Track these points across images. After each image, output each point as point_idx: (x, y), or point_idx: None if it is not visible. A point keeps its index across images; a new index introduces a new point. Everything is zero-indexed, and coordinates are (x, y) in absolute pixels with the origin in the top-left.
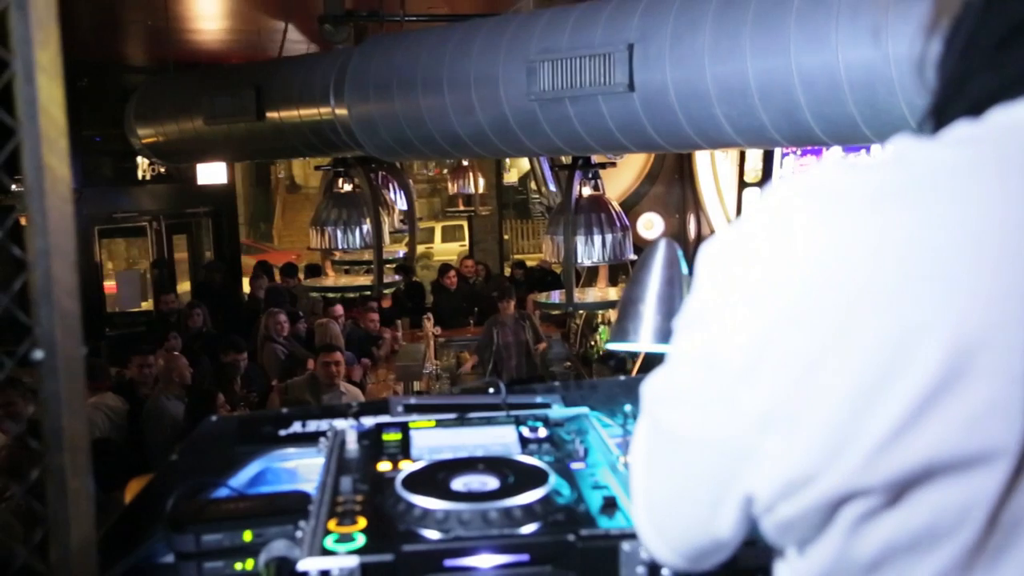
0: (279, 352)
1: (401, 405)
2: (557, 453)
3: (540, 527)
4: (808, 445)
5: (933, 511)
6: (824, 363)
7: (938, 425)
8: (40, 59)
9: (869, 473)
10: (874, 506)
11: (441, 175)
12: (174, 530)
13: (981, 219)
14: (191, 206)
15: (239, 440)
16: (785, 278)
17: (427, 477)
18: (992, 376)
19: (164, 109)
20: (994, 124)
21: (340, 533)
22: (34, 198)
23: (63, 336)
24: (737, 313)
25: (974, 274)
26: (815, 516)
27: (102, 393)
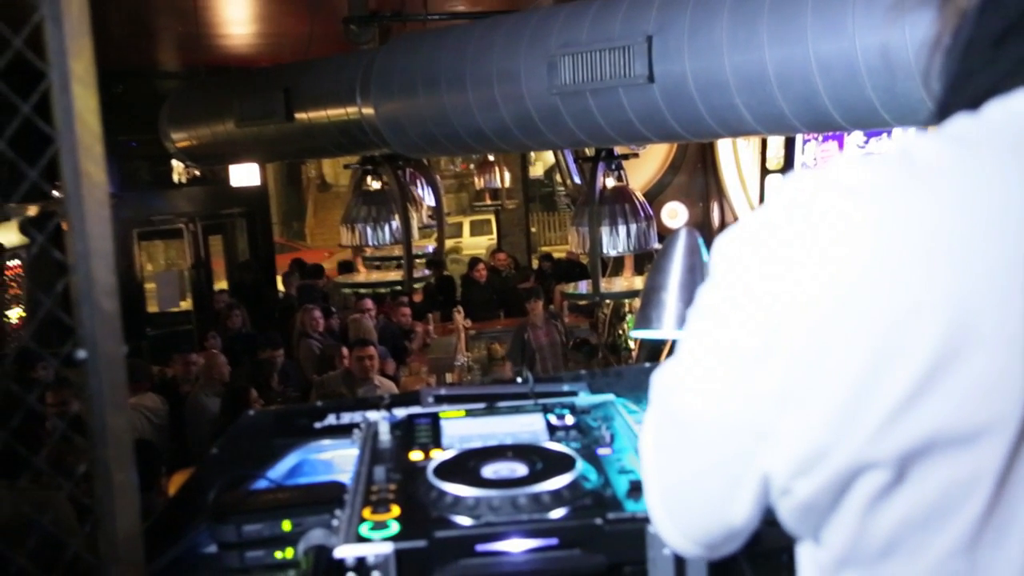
0: (314, 347)
1: (432, 396)
2: (584, 440)
3: (568, 512)
4: (820, 421)
5: (940, 486)
6: (833, 342)
7: (940, 398)
8: (75, 69)
9: (877, 446)
10: (884, 483)
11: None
12: (216, 521)
13: (974, 203)
14: (226, 207)
15: (276, 433)
16: (797, 266)
17: (458, 465)
18: (989, 351)
19: (196, 113)
20: (989, 116)
21: (375, 521)
22: (73, 203)
23: (104, 336)
24: (752, 300)
25: (968, 254)
26: (829, 494)
27: (141, 394)
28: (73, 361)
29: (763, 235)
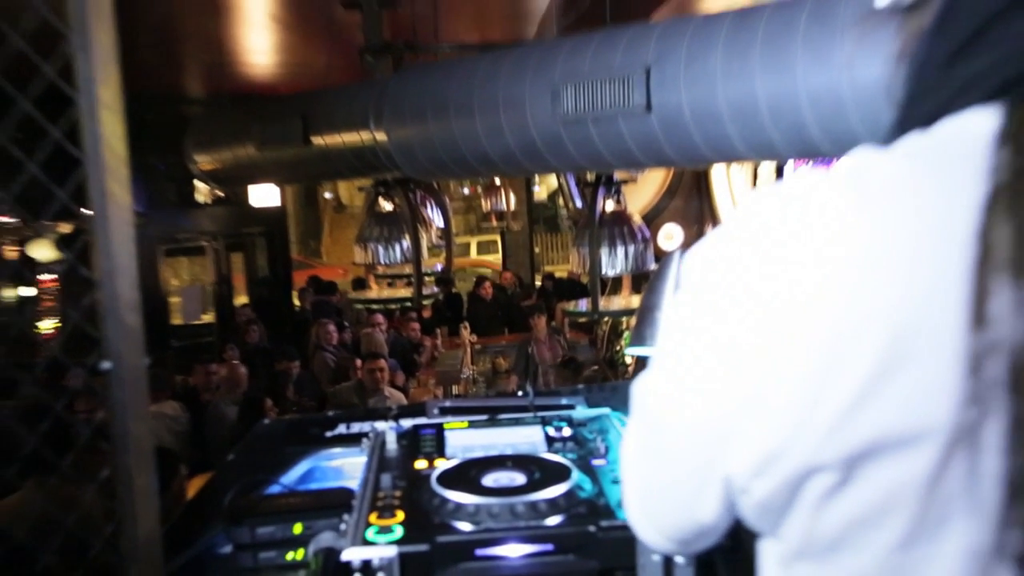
0: (329, 360)
1: (437, 408)
2: (580, 451)
3: (564, 519)
4: (776, 426)
5: (881, 487)
6: (787, 352)
7: (882, 405)
8: (103, 96)
9: (825, 449)
10: (832, 484)
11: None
12: (232, 523)
13: (920, 220)
14: (246, 226)
15: (289, 441)
16: (754, 281)
17: (460, 474)
18: (927, 361)
19: (219, 137)
20: (939, 135)
21: (380, 525)
22: (99, 223)
23: (127, 348)
24: (711, 316)
25: (911, 269)
26: (784, 494)
27: (162, 403)
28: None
29: (721, 256)
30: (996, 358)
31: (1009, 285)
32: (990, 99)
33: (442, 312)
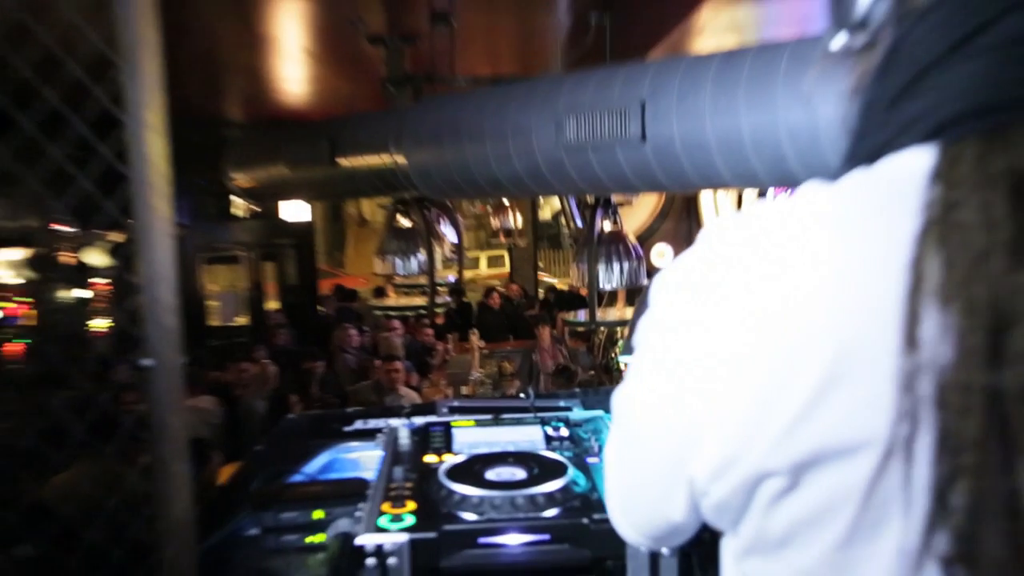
0: (350, 361)
1: (446, 407)
2: (576, 449)
3: (560, 512)
4: (732, 433)
5: (825, 491)
6: (742, 367)
7: (824, 418)
8: (148, 119)
9: (775, 457)
10: (781, 487)
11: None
12: (258, 508)
13: (860, 250)
14: (278, 238)
15: (312, 434)
16: (712, 303)
17: (466, 468)
18: (866, 378)
19: (254, 158)
20: (879, 171)
21: (392, 514)
22: (143, 233)
23: (166, 347)
24: (676, 331)
25: (852, 294)
26: (738, 496)
27: (197, 397)
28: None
29: (687, 275)
30: (925, 377)
31: (937, 311)
32: (926, 139)
33: (453, 319)
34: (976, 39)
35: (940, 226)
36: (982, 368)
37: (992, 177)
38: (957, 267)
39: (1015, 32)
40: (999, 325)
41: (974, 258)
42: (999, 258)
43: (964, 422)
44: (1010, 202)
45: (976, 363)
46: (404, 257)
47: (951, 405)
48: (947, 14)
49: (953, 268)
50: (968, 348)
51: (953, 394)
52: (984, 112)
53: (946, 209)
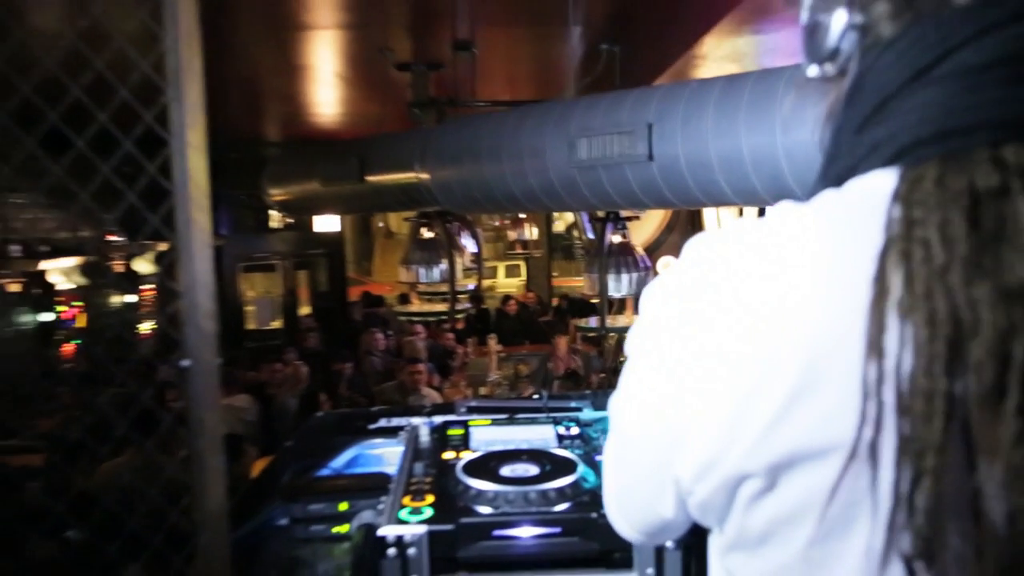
0: (376, 363)
1: (464, 407)
2: (586, 447)
3: (570, 506)
4: (712, 436)
5: (799, 491)
6: (721, 373)
7: (797, 423)
8: (191, 139)
9: (753, 458)
10: (759, 488)
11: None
12: (288, 500)
13: (828, 268)
14: (310, 248)
15: (339, 431)
16: (696, 311)
17: (482, 464)
18: (834, 386)
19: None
20: (847, 192)
21: (412, 507)
22: (183, 244)
23: (203, 349)
24: (660, 340)
25: (820, 308)
26: (721, 496)
27: (233, 396)
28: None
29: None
30: (889, 384)
31: (900, 322)
32: (889, 163)
33: (473, 324)
34: (933, 70)
35: (902, 243)
36: (943, 375)
37: (950, 197)
38: (919, 281)
39: (968, 63)
40: (959, 335)
41: (934, 272)
42: (958, 272)
43: (926, 427)
44: (967, 220)
45: (938, 370)
46: (427, 266)
47: (914, 410)
48: (907, 46)
49: (915, 282)
50: (930, 356)
51: (916, 400)
52: (941, 137)
53: (908, 227)
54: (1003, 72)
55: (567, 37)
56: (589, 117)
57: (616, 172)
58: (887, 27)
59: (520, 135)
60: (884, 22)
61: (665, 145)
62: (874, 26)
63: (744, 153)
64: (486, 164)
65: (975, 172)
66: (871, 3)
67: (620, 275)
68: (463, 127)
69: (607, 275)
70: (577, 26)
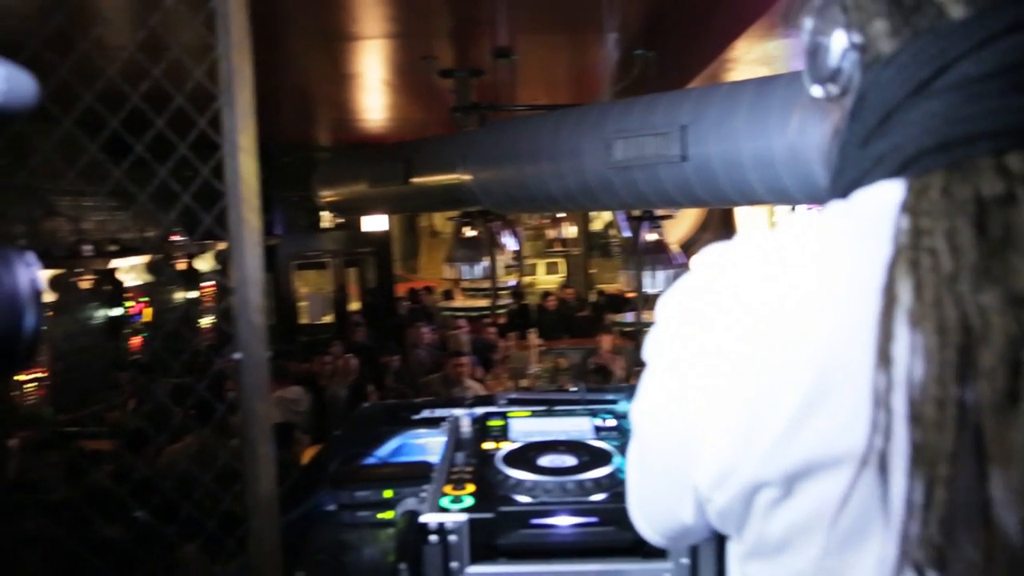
0: (422, 356)
1: (504, 399)
2: (622, 439)
3: (606, 496)
4: (727, 446)
5: (814, 500)
6: (734, 383)
7: (812, 430)
8: (242, 143)
9: (768, 467)
10: (776, 496)
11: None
12: (336, 487)
13: (838, 278)
14: (359, 247)
15: (384, 421)
16: (707, 321)
17: (521, 455)
18: (846, 396)
19: (339, 176)
20: (855, 203)
21: (454, 495)
22: (235, 242)
23: (254, 342)
24: (674, 348)
25: (832, 317)
26: (738, 503)
27: (285, 388)
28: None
29: (687, 296)
30: (899, 393)
31: (909, 331)
32: (895, 174)
33: (514, 319)
34: (934, 82)
35: (910, 252)
36: (954, 383)
37: (957, 206)
38: (927, 289)
39: (968, 74)
40: (969, 342)
41: (943, 280)
42: (967, 279)
43: (938, 435)
44: (974, 228)
45: (948, 378)
46: (469, 264)
47: (925, 419)
48: (907, 61)
49: (924, 290)
50: (941, 364)
51: (927, 408)
52: (945, 147)
53: (915, 236)
54: (1003, 82)
55: (603, 43)
56: (625, 119)
57: (651, 172)
58: (886, 44)
59: (558, 137)
60: (883, 39)
61: (699, 146)
62: (873, 44)
63: (776, 153)
64: (526, 165)
65: (980, 180)
66: (868, 23)
67: (655, 272)
68: (503, 130)
69: (643, 272)
70: (612, 33)
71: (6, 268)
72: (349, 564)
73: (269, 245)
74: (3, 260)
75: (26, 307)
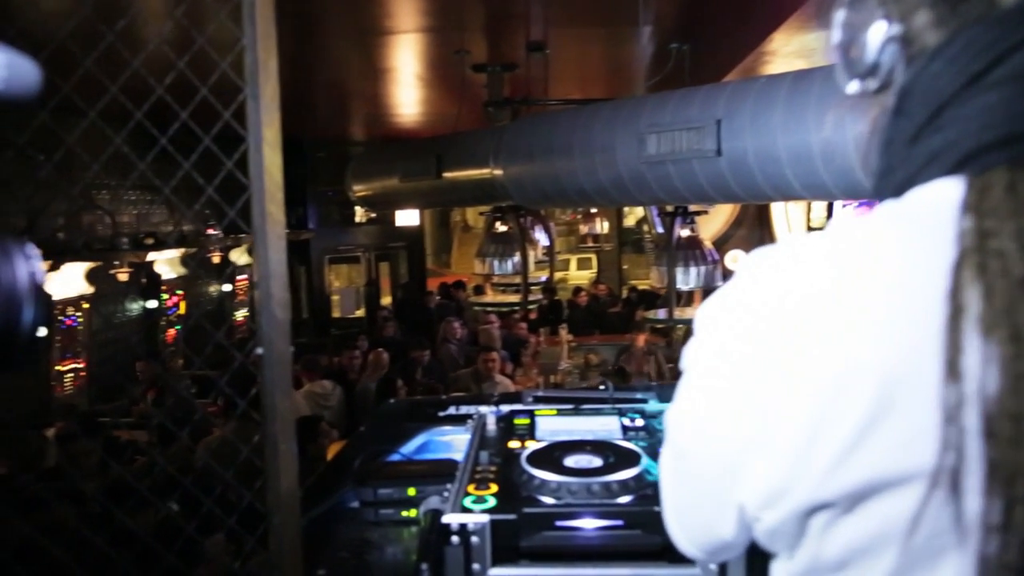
0: (452, 351)
1: (531, 396)
2: (650, 439)
3: (633, 499)
4: (779, 465)
5: (878, 521)
6: (787, 397)
7: (873, 449)
8: (267, 136)
9: (826, 487)
10: (835, 516)
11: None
12: (359, 484)
13: (894, 282)
14: (392, 241)
15: (409, 418)
16: (758, 329)
17: (546, 455)
18: (912, 409)
19: (371, 171)
20: (909, 203)
21: (476, 495)
22: (259, 236)
23: (276, 337)
24: (724, 358)
25: (894, 324)
26: (791, 523)
27: (315, 381)
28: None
29: (734, 302)
30: (971, 408)
31: (979, 341)
32: (951, 171)
33: (545, 315)
34: (991, 72)
35: (976, 255)
36: None
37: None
38: (997, 295)
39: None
40: None
41: (1015, 285)
42: None
43: (1015, 451)
44: None
45: None
46: (500, 259)
47: (1000, 435)
48: (957, 52)
49: (993, 296)
50: (1016, 375)
51: (1003, 423)
52: (1006, 142)
53: (981, 238)
54: None
55: (637, 37)
56: (658, 113)
57: (684, 167)
58: (931, 35)
59: (590, 131)
60: (928, 31)
61: (733, 140)
62: (917, 36)
63: (813, 148)
64: (557, 160)
65: None
66: (911, 14)
67: (688, 268)
68: (535, 124)
69: (675, 268)
70: (647, 26)
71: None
72: (372, 562)
73: (302, 239)
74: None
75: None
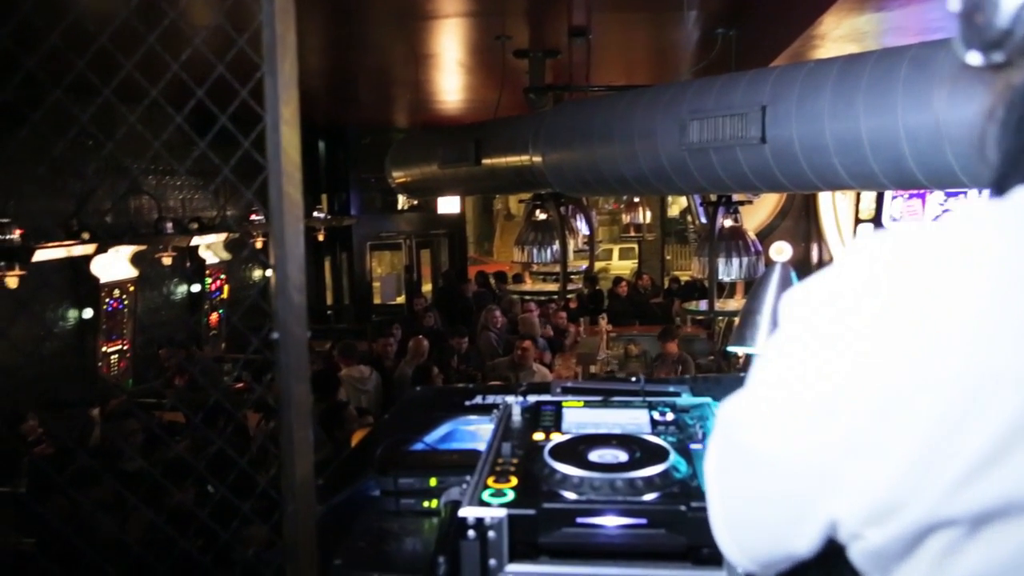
0: (492, 339)
1: (559, 387)
2: (680, 435)
3: (658, 496)
4: (893, 474)
5: (1013, 547)
6: (908, 400)
7: (1014, 465)
8: (284, 114)
9: (953, 504)
10: (958, 538)
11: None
12: (380, 473)
13: None
14: (433, 229)
15: (435, 407)
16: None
17: (570, 448)
18: None
19: (411, 157)
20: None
21: (495, 488)
22: (275, 217)
23: (292, 322)
24: (826, 349)
25: None
26: (902, 544)
27: (352, 367)
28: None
29: (840, 291)
30: None
31: None
32: None
33: (585, 304)
34: None
35: None
36: None
37: None
38: None
39: None
40: None
41: None
42: None
43: None
44: None
45: None
46: (540, 247)
47: None
48: None
49: None
50: None
51: None
52: None
53: None
54: None
55: (683, 22)
56: (701, 99)
57: (727, 155)
58: None
59: (631, 118)
60: None
61: (779, 127)
62: None
63: (863, 136)
64: (597, 147)
65: None
66: None
67: (731, 259)
68: (575, 111)
69: (717, 259)
70: (693, 11)
71: None
72: (390, 553)
73: (345, 225)
74: None
75: None
